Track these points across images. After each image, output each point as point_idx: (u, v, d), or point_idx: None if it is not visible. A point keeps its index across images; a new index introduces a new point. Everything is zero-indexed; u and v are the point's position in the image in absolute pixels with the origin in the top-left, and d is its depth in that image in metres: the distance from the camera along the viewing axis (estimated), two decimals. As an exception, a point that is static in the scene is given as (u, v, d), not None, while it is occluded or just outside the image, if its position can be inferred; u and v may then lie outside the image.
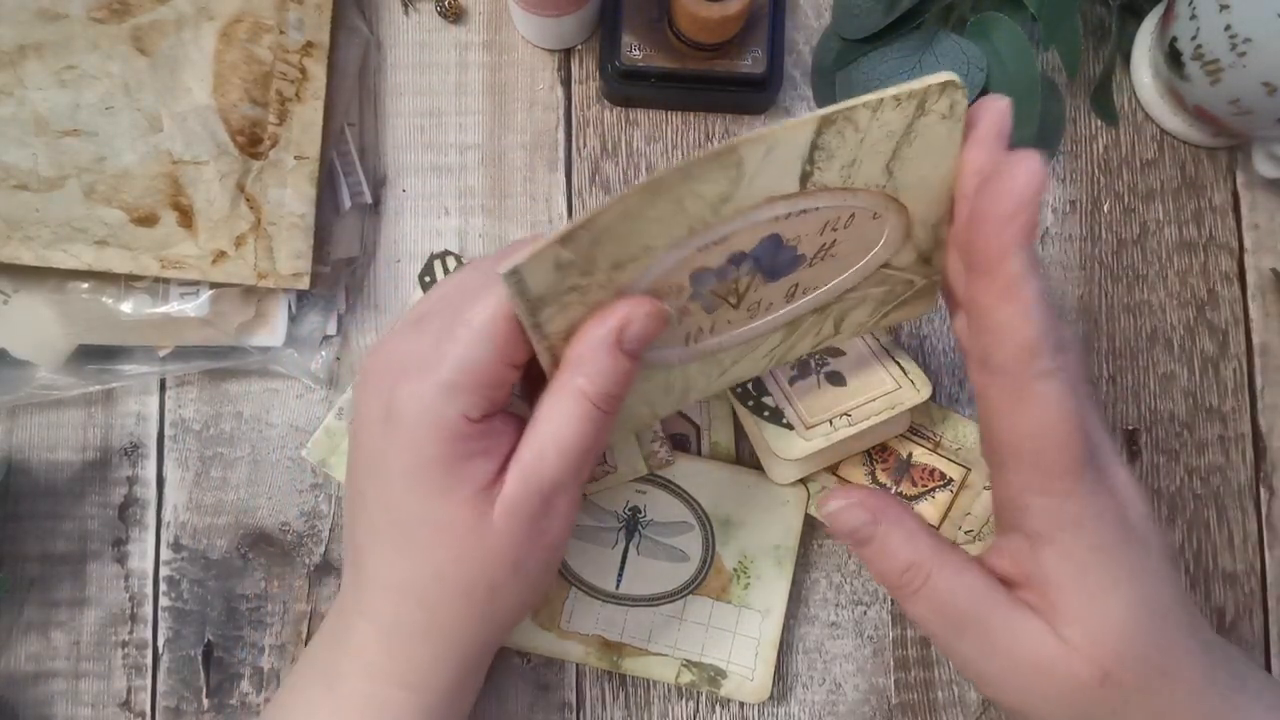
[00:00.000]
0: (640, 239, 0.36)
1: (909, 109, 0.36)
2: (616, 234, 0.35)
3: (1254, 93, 0.51)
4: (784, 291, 0.42)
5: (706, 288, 0.39)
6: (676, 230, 0.36)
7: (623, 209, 0.34)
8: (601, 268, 0.36)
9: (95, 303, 0.53)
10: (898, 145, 0.37)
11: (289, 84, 0.53)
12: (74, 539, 0.56)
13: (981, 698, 0.57)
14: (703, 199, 0.35)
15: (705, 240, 0.37)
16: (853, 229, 0.40)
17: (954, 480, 0.54)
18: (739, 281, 0.40)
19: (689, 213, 0.35)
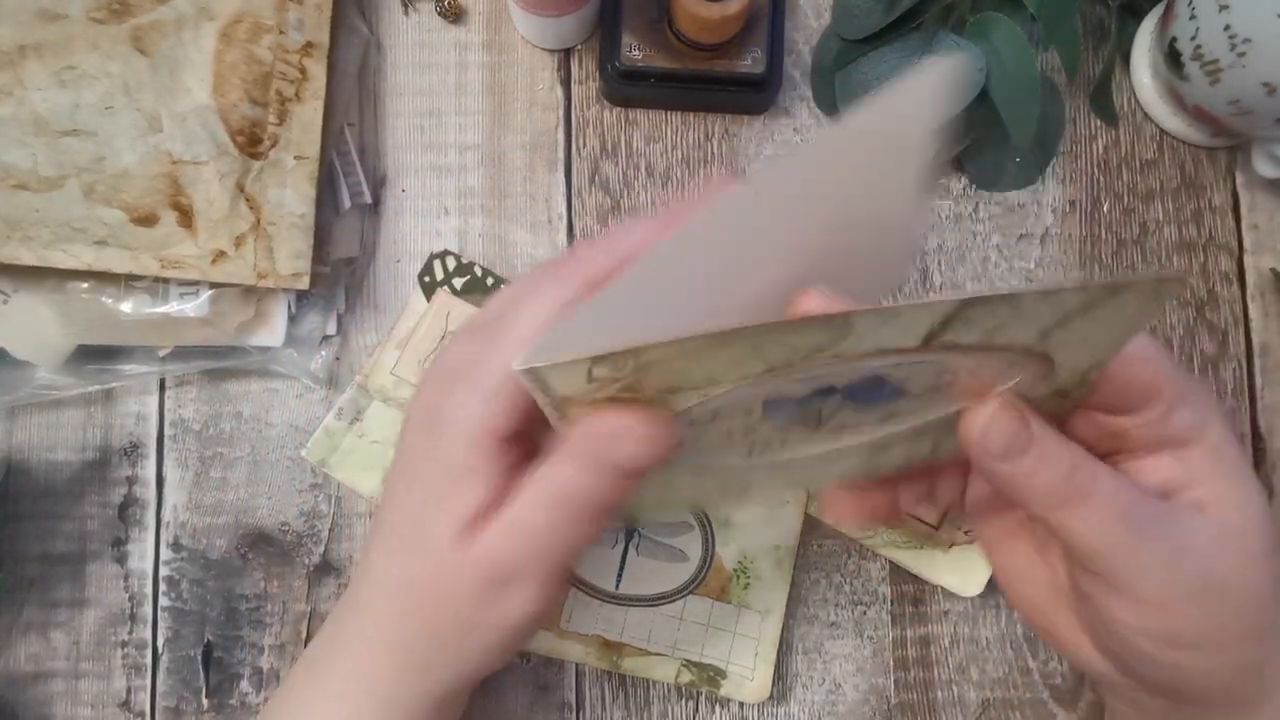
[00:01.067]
0: (702, 373, 0.30)
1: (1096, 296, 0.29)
2: (671, 368, 0.30)
3: (1253, 93, 0.51)
4: (878, 416, 0.36)
5: (783, 414, 0.34)
6: (751, 369, 0.30)
7: (679, 349, 0.28)
8: (649, 389, 0.31)
9: (95, 303, 0.53)
10: (1065, 318, 0.30)
11: (289, 84, 0.53)
12: (74, 539, 0.56)
13: (981, 698, 0.57)
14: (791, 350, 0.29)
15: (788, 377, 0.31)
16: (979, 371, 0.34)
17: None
18: (823, 408, 0.34)
19: (768, 357, 0.30)
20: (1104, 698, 0.49)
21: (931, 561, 0.55)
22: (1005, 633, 0.57)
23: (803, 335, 0.29)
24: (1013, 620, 0.57)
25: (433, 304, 0.55)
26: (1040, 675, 0.57)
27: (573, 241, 0.59)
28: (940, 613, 0.57)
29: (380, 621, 0.41)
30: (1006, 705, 0.57)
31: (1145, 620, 0.37)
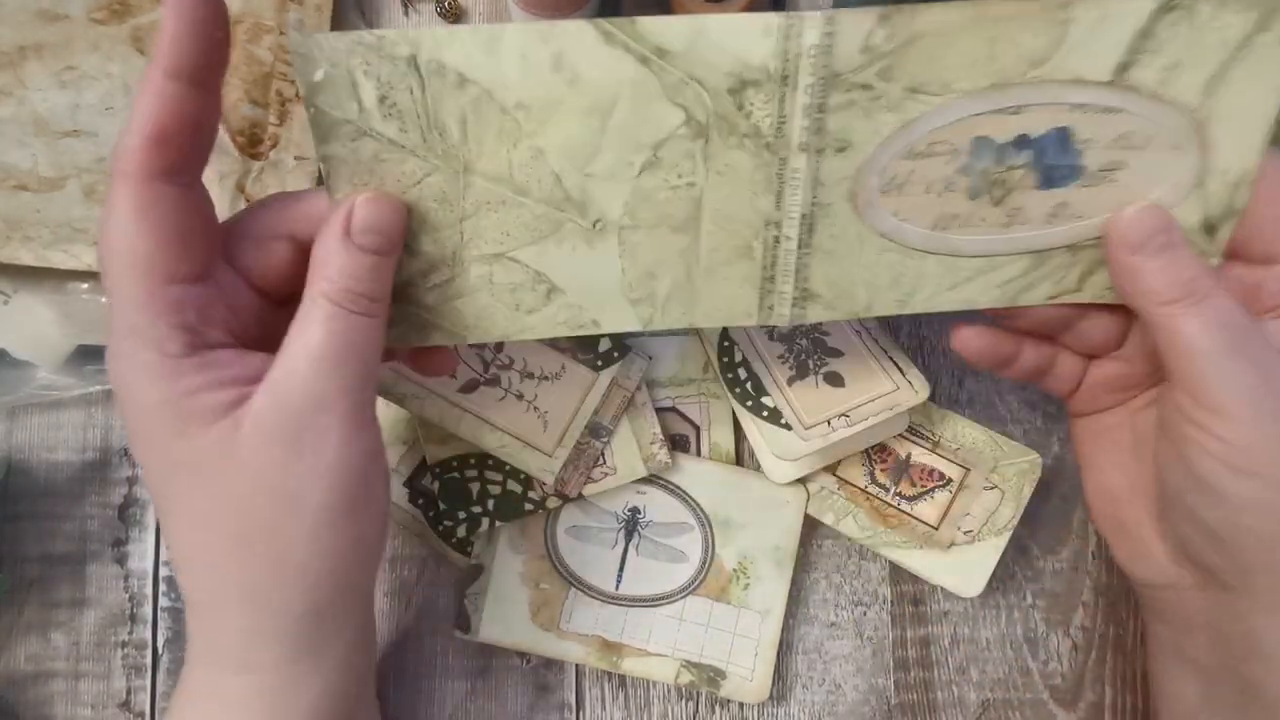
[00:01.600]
0: (944, 68, 0.35)
1: (1250, 18, 0.35)
2: (926, 48, 0.35)
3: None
4: (1049, 208, 0.40)
5: (981, 164, 0.38)
6: (980, 78, 0.36)
7: (944, 20, 0.34)
8: (898, 81, 0.35)
9: (95, 303, 0.53)
10: (1227, 60, 0.36)
11: (289, 84, 0.53)
12: (73, 539, 0.56)
13: (981, 699, 0.57)
14: (1017, 51, 0.35)
15: (1001, 103, 0.36)
16: (1146, 154, 0.38)
17: (953, 480, 0.55)
18: (1011, 173, 0.38)
19: (998, 62, 0.35)
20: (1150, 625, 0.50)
21: (931, 561, 0.55)
22: (1005, 633, 0.57)
23: (1030, 26, 0.34)
24: (1013, 621, 0.57)
25: None
26: (1040, 676, 0.57)
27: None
28: (940, 613, 0.57)
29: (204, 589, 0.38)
30: (1006, 706, 0.57)
31: (1221, 434, 0.39)
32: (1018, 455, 0.54)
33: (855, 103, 0.36)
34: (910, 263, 0.41)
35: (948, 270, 0.42)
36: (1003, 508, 0.54)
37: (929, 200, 0.39)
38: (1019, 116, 0.37)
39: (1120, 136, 0.37)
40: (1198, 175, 0.39)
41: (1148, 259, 0.39)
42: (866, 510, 0.55)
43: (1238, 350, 0.38)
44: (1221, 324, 0.38)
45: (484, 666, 0.56)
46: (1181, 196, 0.39)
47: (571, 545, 0.54)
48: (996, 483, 0.54)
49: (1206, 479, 0.40)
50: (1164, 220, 0.39)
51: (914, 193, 0.39)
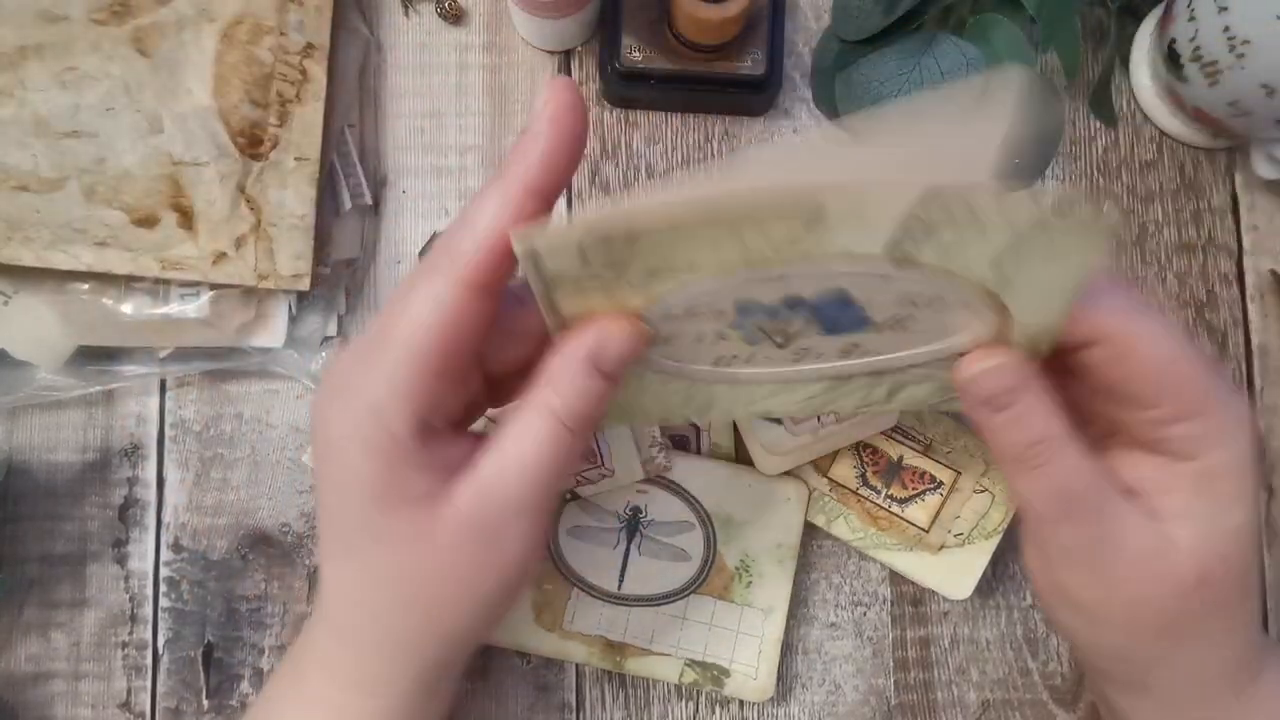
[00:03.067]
0: (685, 256, 0.31)
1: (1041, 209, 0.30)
2: (658, 245, 0.31)
3: (1252, 94, 0.51)
4: (839, 347, 0.38)
5: (752, 321, 0.35)
6: (729, 259, 0.31)
7: (670, 221, 0.30)
8: (635, 271, 0.32)
9: (95, 304, 0.53)
10: (1015, 242, 0.31)
11: (289, 85, 0.53)
12: (74, 540, 0.56)
13: (981, 699, 0.57)
14: (767, 238, 0.31)
15: (761, 276, 0.32)
16: (935, 311, 0.35)
17: (944, 483, 0.55)
18: (790, 324, 0.36)
19: (748, 247, 0.31)
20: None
21: (921, 564, 0.55)
22: (1005, 633, 0.57)
23: (779, 218, 0.30)
24: (1012, 621, 0.57)
25: None
26: (1040, 676, 0.57)
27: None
28: (940, 614, 0.57)
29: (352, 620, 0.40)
30: (1006, 706, 0.57)
31: (1048, 572, 0.41)
32: (1011, 458, 0.55)
33: (588, 288, 0.33)
34: (697, 389, 0.40)
35: (741, 392, 0.41)
36: (993, 511, 0.54)
37: (704, 348, 0.37)
38: (784, 283, 0.33)
39: (903, 295, 0.34)
40: (999, 329, 0.36)
41: (991, 416, 0.38)
42: (858, 512, 0.55)
43: (1066, 517, 0.38)
44: (1054, 491, 0.38)
45: (483, 667, 0.56)
46: (980, 343, 0.37)
47: (573, 545, 0.54)
48: (987, 486, 0.55)
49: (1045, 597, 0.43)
50: (1010, 379, 0.37)
51: (684, 344, 0.37)
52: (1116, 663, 0.42)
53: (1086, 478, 0.38)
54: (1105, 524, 0.38)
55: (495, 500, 0.36)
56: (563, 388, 0.36)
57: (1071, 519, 0.38)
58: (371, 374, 0.36)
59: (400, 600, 0.38)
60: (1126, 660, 0.42)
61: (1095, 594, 0.40)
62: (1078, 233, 0.30)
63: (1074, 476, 0.38)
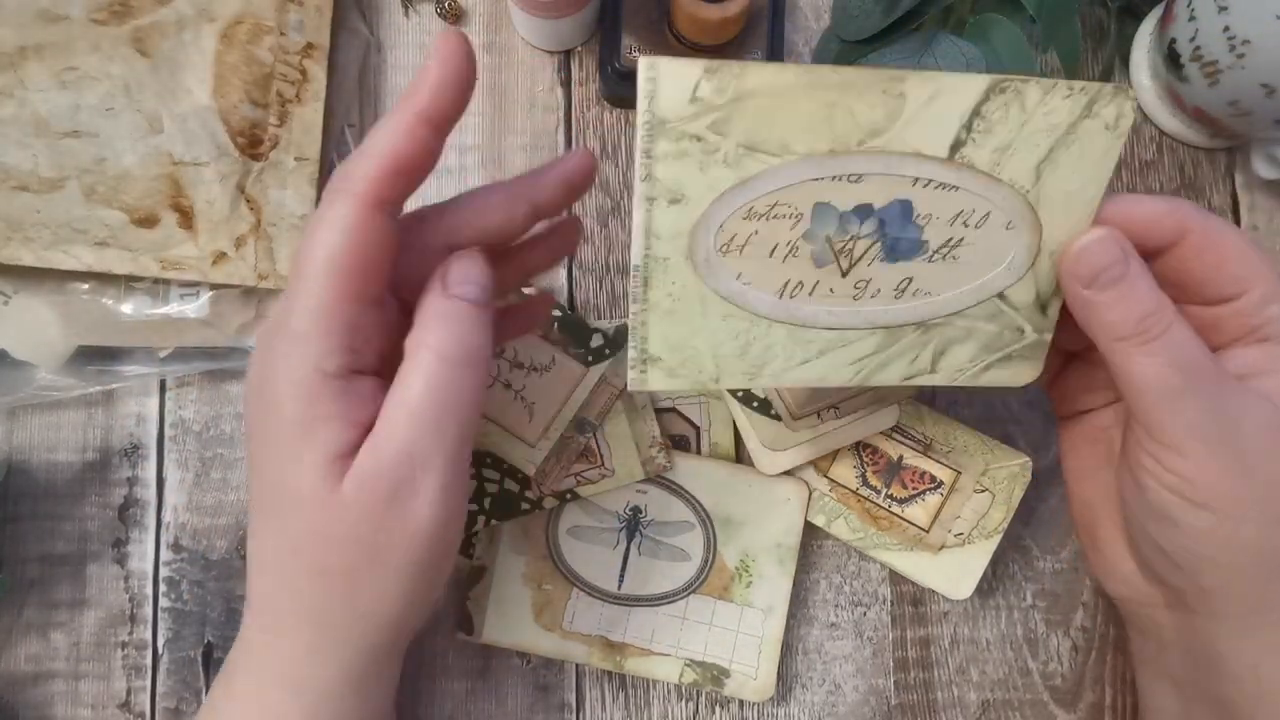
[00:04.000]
0: (781, 129, 0.35)
1: (1078, 104, 0.37)
2: (760, 107, 0.35)
3: (1252, 94, 0.51)
4: (895, 282, 0.40)
5: (825, 231, 0.38)
6: (818, 143, 0.36)
7: (776, 80, 0.34)
8: (733, 136, 0.35)
9: (95, 304, 0.53)
10: (1055, 145, 0.37)
11: (289, 85, 0.53)
12: (74, 540, 0.56)
13: (981, 699, 0.57)
14: (854, 120, 0.35)
15: (841, 170, 0.36)
16: (983, 232, 0.39)
17: (944, 483, 0.55)
18: (855, 243, 0.38)
19: (836, 129, 0.35)
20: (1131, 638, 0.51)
21: (921, 564, 0.55)
22: (1005, 634, 0.57)
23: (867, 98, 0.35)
24: (1013, 621, 0.57)
25: None
26: (1040, 676, 0.57)
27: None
28: (940, 614, 0.57)
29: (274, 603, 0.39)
30: (1006, 706, 0.57)
31: (1173, 468, 0.39)
32: (1008, 458, 0.55)
33: (688, 153, 0.35)
34: (757, 331, 0.40)
35: (797, 342, 0.40)
36: (993, 511, 0.54)
37: (773, 265, 0.38)
38: (859, 185, 0.37)
39: (959, 214, 0.38)
40: (1032, 254, 0.40)
41: (1098, 293, 0.39)
42: (858, 512, 0.55)
43: (1189, 388, 0.38)
44: (1173, 362, 0.38)
45: (483, 667, 0.56)
46: (1017, 275, 0.40)
47: (573, 545, 0.54)
48: (987, 485, 0.54)
49: (1163, 509, 0.40)
50: (1113, 253, 0.38)
51: (757, 256, 0.38)
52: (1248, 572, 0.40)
53: (1202, 350, 0.38)
54: (1227, 396, 0.38)
55: (388, 453, 0.36)
56: (430, 322, 0.37)
57: (1196, 390, 0.38)
58: (294, 305, 0.36)
59: (315, 569, 0.37)
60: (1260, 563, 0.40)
61: (1230, 479, 0.38)
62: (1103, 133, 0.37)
63: (1192, 345, 0.38)
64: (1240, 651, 0.41)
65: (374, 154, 0.36)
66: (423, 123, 0.36)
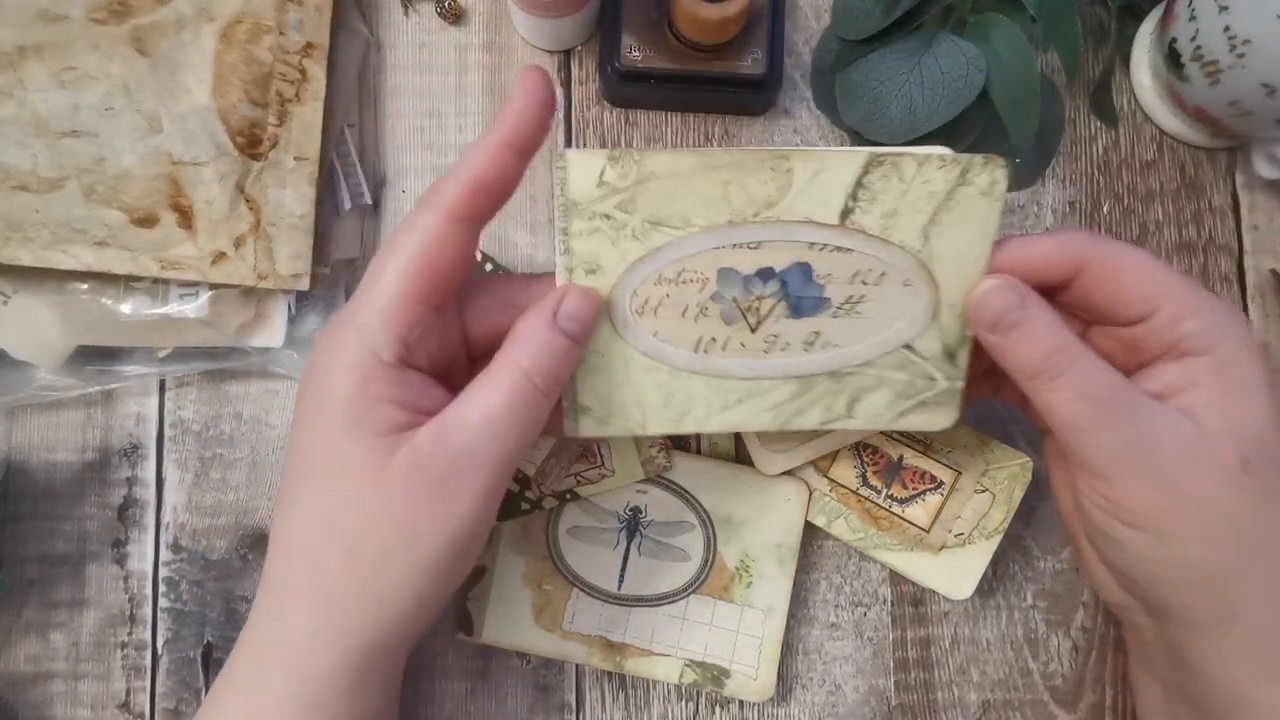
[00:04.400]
0: (682, 206, 0.39)
1: (952, 174, 0.40)
2: (661, 188, 0.39)
3: (1253, 94, 0.51)
4: (803, 336, 0.43)
5: (730, 293, 0.41)
6: (717, 216, 0.40)
7: (673, 164, 0.39)
8: (639, 213, 0.39)
9: (95, 304, 0.53)
10: (937, 210, 0.40)
11: (289, 85, 0.53)
12: (73, 540, 0.56)
13: (981, 699, 0.57)
14: (747, 195, 0.39)
15: (741, 239, 0.40)
16: (882, 289, 0.42)
17: (944, 483, 0.55)
18: (762, 302, 0.42)
19: (732, 203, 0.39)
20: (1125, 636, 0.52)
21: (921, 564, 0.55)
22: (1006, 634, 0.57)
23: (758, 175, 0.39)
24: (1013, 621, 0.57)
25: None
26: (1040, 676, 0.57)
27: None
28: (940, 614, 0.57)
29: (290, 581, 0.40)
30: (1007, 706, 0.57)
31: (1101, 491, 0.41)
32: (1009, 459, 0.54)
33: (600, 229, 0.40)
34: (677, 383, 0.43)
35: (716, 391, 0.44)
36: (994, 511, 0.54)
37: (686, 324, 0.42)
38: (759, 251, 0.41)
39: (856, 273, 0.41)
40: (932, 308, 0.42)
41: (1002, 337, 0.41)
42: (858, 513, 0.55)
43: (1102, 419, 0.39)
44: (1082, 396, 0.39)
45: (483, 667, 0.56)
46: (920, 329, 0.43)
47: (573, 546, 0.54)
48: (988, 486, 0.54)
49: (1103, 530, 0.42)
50: (1009, 298, 0.40)
51: (670, 315, 0.42)
52: (1198, 587, 0.41)
53: (1110, 378, 0.39)
54: (1142, 422, 0.39)
55: (452, 444, 0.38)
56: (529, 345, 0.39)
57: (1108, 420, 0.39)
58: (362, 301, 0.39)
59: (344, 546, 0.38)
60: (1207, 578, 0.40)
61: (1156, 501, 0.39)
62: (981, 199, 0.40)
63: (1100, 377, 0.39)
64: (1211, 657, 0.42)
65: (460, 173, 0.39)
66: (506, 147, 0.39)
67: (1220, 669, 0.41)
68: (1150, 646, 0.46)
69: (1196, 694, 0.43)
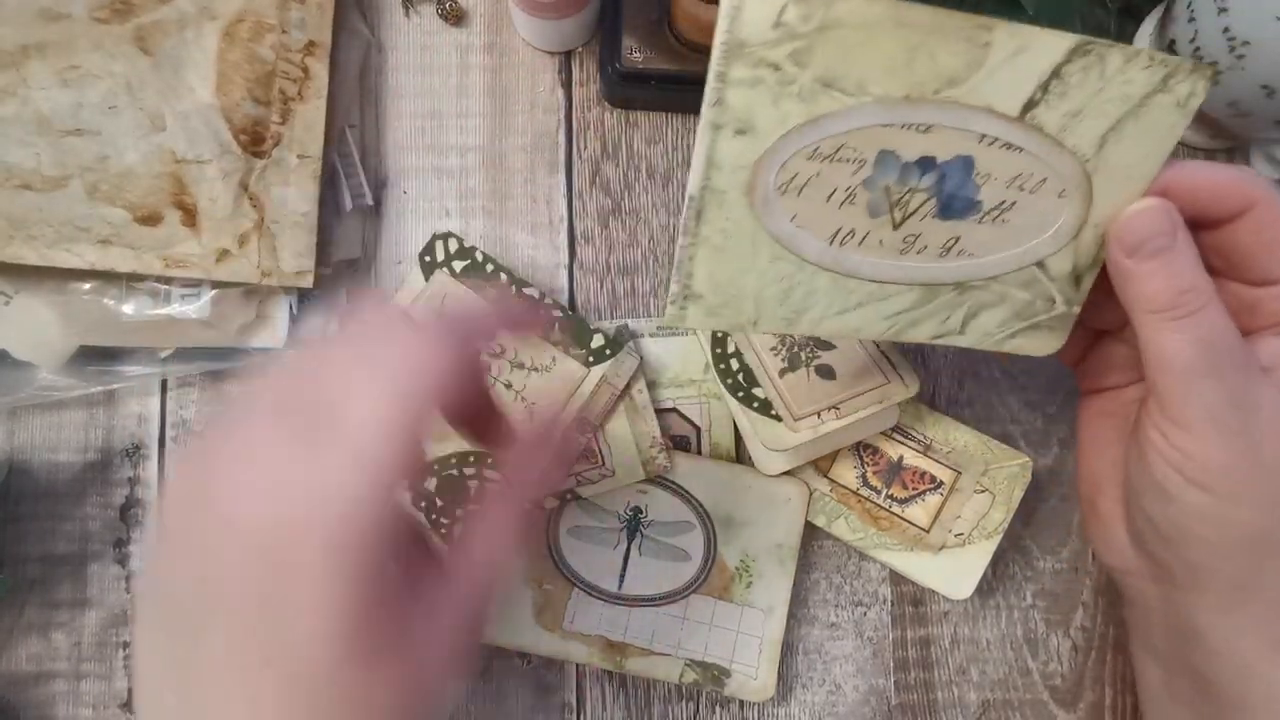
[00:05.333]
0: (860, 69, 0.35)
1: (1155, 76, 0.37)
2: (844, 40, 0.34)
3: (1252, 95, 0.51)
4: (943, 240, 0.39)
5: (885, 179, 0.37)
6: (895, 86, 0.35)
7: (865, 10, 0.34)
8: (811, 70, 0.34)
9: (96, 304, 0.53)
10: (1124, 115, 0.37)
11: (291, 83, 0.53)
12: (75, 540, 0.56)
13: (981, 699, 0.57)
14: (934, 65, 0.35)
15: (912, 118, 0.36)
16: (1036, 198, 0.39)
17: (944, 484, 0.55)
18: (912, 196, 0.38)
19: (915, 73, 0.35)
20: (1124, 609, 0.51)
21: (921, 564, 0.55)
22: (1005, 634, 0.57)
23: (951, 43, 0.35)
24: (1013, 621, 0.57)
25: (430, 284, 0.55)
26: (1040, 676, 0.57)
27: (574, 243, 0.59)
28: (940, 614, 0.57)
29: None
30: (1007, 706, 0.57)
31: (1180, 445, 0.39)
32: (1009, 459, 0.55)
33: (762, 81, 0.35)
34: (802, 276, 0.39)
35: (839, 291, 0.40)
36: (993, 511, 0.54)
37: (829, 211, 0.38)
38: (927, 136, 0.37)
39: (1016, 176, 0.38)
40: (1078, 224, 0.40)
41: (1140, 263, 0.39)
42: (858, 512, 0.55)
43: (1212, 370, 0.38)
44: (1202, 341, 0.38)
45: (484, 667, 0.56)
46: (1060, 245, 0.40)
47: (574, 545, 0.54)
48: (987, 486, 0.55)
49: (1161, 483, 0.41)
50: (1161, 224, 0.39)
51: (814, 199, 0.37)
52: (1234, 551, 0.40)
53: (1233, 333, 0.39)
54: (1248, 384, 0.39)
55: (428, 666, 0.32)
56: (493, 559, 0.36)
57: (1218, 372, 0.38)
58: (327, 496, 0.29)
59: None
60: (1249, 544, 0.40)
61: (1233, 461, 0.39)
62: (1174, 109, 0.37)
63: (1224, 327, 0.38)
64: (1219, 627, 0.42)
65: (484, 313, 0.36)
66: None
67: (1226, 640, 0.41)
68: (1152, 618, 0.46)
69: (1199, 664, 0.43)
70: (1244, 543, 0.40)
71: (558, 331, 0.55)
